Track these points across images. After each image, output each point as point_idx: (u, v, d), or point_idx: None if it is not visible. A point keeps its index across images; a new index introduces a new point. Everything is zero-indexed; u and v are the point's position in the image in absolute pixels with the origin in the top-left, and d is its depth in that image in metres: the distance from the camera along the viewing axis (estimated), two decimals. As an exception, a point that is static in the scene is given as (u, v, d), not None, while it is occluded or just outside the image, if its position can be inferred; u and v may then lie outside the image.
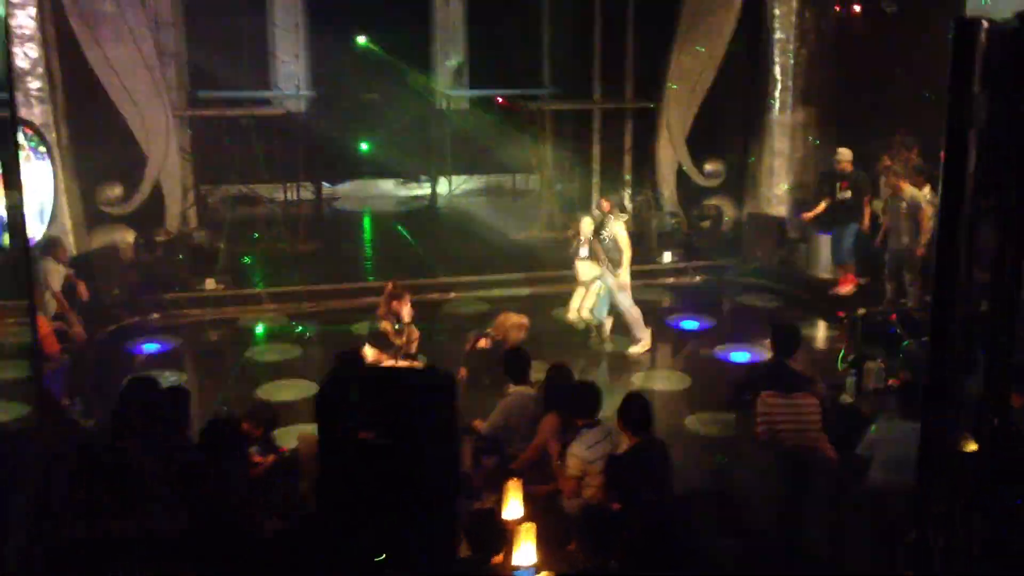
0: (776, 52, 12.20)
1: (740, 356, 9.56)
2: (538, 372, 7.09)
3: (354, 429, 3.85)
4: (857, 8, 11.66)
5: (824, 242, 11.20)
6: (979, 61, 2.66)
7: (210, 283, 11.01)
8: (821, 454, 6.21)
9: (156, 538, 4.76)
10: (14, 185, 7.28)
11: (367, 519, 3.89)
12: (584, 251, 9.68)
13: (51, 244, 9.63)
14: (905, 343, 7.21)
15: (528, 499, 5.26)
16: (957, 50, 2.65)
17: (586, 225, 9.71)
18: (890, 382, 6.94)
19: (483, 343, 8.71)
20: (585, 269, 9.70)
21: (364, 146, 13.84)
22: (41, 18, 10.27)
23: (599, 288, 9.64)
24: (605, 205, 9.82)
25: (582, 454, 5.76)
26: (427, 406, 3.92)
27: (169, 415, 5.68)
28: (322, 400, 4.00)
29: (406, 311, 8.67)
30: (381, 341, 8.54)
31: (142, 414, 5.59)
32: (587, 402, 6.03)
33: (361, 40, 13.24)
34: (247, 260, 11.57)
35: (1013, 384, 3.35)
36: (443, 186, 14.49)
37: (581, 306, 9.76)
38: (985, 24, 2.63)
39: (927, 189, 9.78)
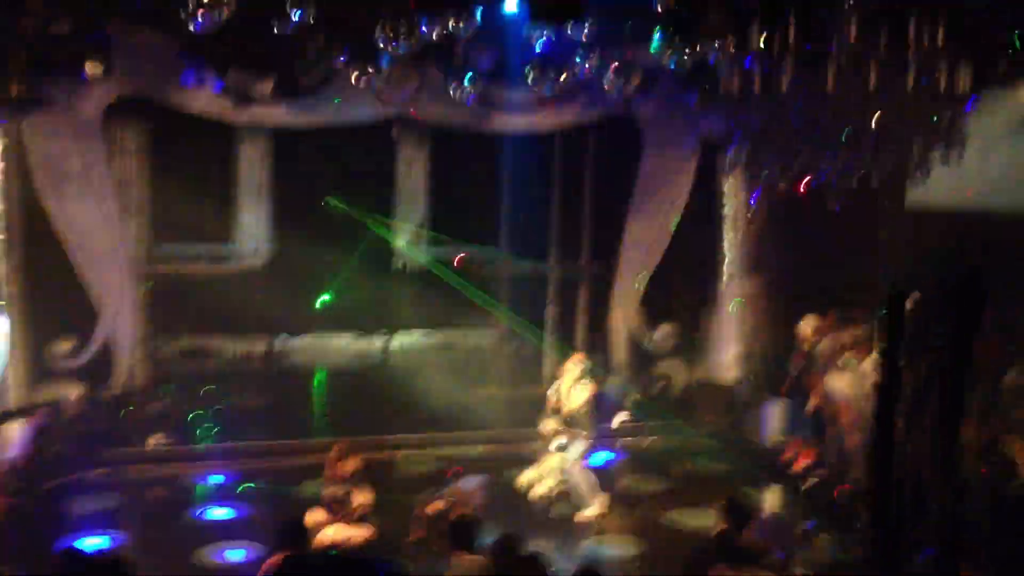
0: (726, 225, 12.64)
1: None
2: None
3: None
4: (803, 188, 12.08)
5: (774, 409, 11.29)
6: (907, 329, 2.86)
7: (154, 440, 10.76)
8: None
9: None
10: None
11: None
12: (554, 445, 9.62)
13: (32, 409, 9.59)
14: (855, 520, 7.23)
15: None
16: (889, 318, 2.85)
17: (547, 427, 9.69)
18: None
19: (436, 506, 8.54)
20: (561, 459, 9.62)
21: (320, 301, 13.90)
22: (7, 175, 10.33)
23: (559, 461, 9.60)
24: (568, 366, 9.78)
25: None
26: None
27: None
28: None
29: (352, 474, 8.52)
30: (327, 506, 8.35)
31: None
32: (535, 576, 5.91)
33: (325, 199, 13.50)
34: (194, 416, 11.38)
35: (961, 561, 3.39)
36: (398, 342, 14.52)
37: (542, 480, 9.67)
38: (914, 296, 2.84)
39: (873, 356, 9.79)
